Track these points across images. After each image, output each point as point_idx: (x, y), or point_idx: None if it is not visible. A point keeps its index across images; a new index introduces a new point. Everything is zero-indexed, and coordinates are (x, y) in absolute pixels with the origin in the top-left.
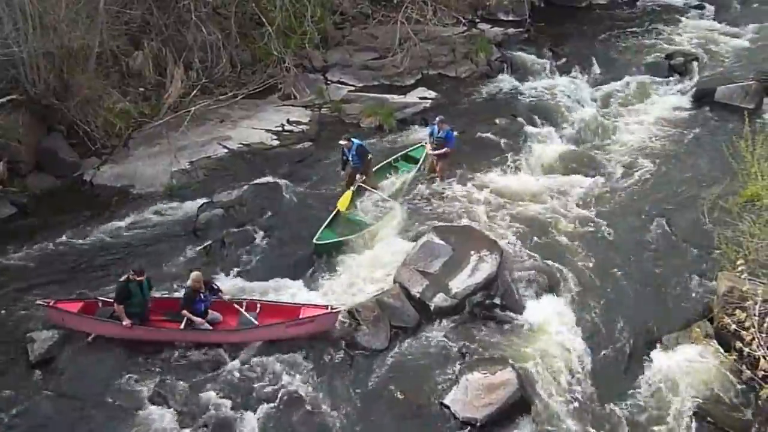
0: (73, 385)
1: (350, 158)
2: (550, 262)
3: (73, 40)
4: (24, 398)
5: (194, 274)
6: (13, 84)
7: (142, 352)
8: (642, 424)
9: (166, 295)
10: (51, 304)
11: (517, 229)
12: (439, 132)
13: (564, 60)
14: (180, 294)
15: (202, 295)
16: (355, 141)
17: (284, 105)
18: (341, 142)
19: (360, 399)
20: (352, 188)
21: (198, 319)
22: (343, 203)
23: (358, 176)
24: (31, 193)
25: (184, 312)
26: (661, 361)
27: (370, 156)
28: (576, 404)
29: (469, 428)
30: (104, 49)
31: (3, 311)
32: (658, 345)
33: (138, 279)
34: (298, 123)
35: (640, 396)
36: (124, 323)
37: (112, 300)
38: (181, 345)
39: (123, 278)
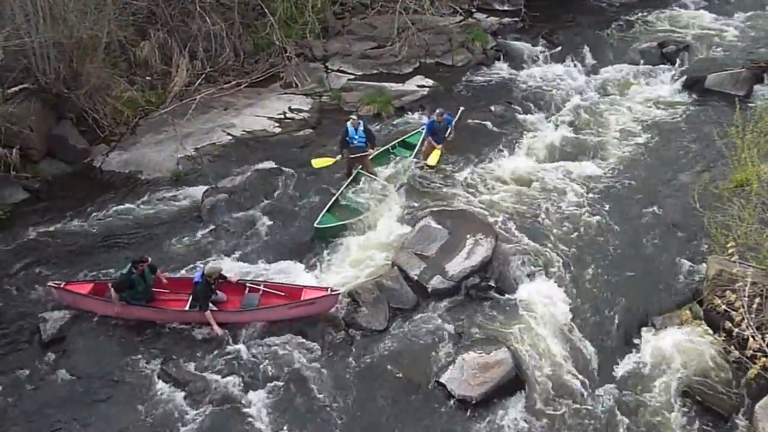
0: (84, 363)
1: (355, 137)
2: (543, 246)
3: (82, 30)
4: (36, 376)
5: (215, 268)
6: (25, 74)
7: (150, 332)
8: (632, 403)
9: (172, 276)
10: (62, 285)
11: (511, 213)
12: (440, 124)
13: (558, 48)
14: (182, 273)
15: (213, 285)
16: (361, 120)
17: (286, 93)
18: (352, 116)
19: (359, 378)
20: (354, 169)
21: (215, 327)
22: (319, 162)
23: (370, 150)
24: (43, 178)
25: (207, 315)
26: (651, 342)
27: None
28: (568, 383)
29: (465, 406)
30: (112, 40)
31: (16, 292)
32: (648, 326)
33: (139, 270)
34: (300, 111)
35: (631, 376)
36: (115, 305)
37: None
38: (187, 324)
39: (126, 270)
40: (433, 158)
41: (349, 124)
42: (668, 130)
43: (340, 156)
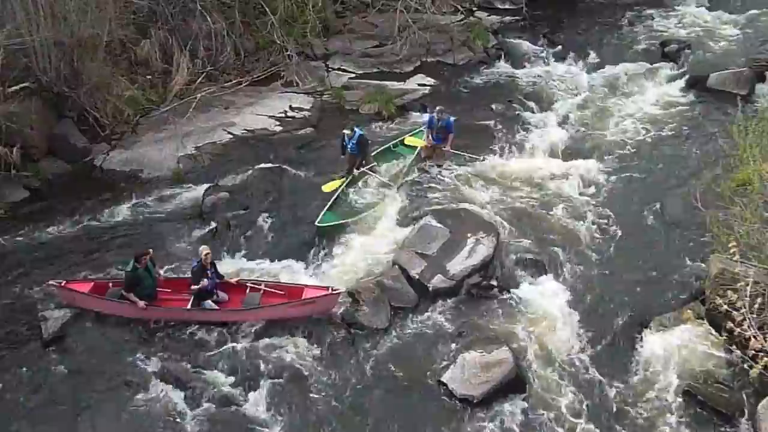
0: (84, 361)
1: (349, 146)
2: (545, 245)
3: (83, 29)
4: (37, 374)
5: (203, 247)
6: (26, 72)
7: (150, 331)
8: (634, 402)
9: (174, 275)
10: (62, 284)
11: (512, 212)
12: (439, 122)
13: (559, 47)
14: (186, 274)
15: (209, 272)
16: (357, 131)
17: (287, 92)
18: (345, 131)
19: (360, 377)
20: (346, 177)
21: (205, 285)
22: (328, 186)
23: (359, 162)
24: (44, 177)
25: (193, 287)
26: (653, 341)
27: (369, 145)
28: (569, 382)
29: (466, 405)
30: (113, 38)
31: (17, 291)
32: (650, 325)
33: (143, 263)
34: (300, 109)
35: (632, 375)
36: (139, 305)
37: (121, 281)
38: (188, 323)
39: (129, 267)
40: (418, 141)
41: (345, 132)
42: (670, 129)
43: (348, 171)
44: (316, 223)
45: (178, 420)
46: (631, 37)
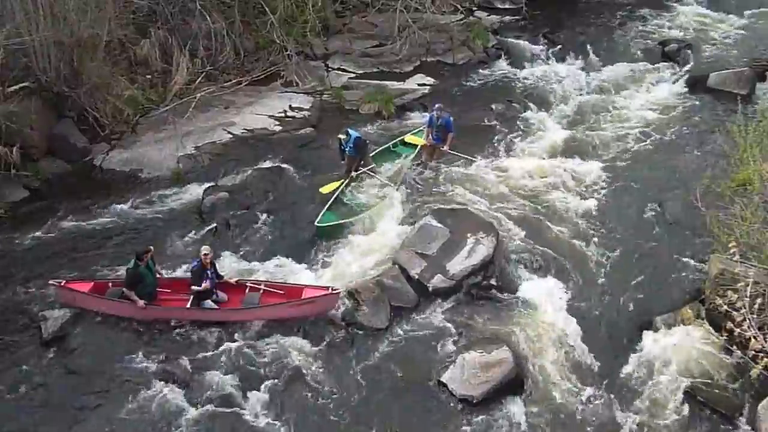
0: (84, 361)
1: (347, 149)
2: (544, 245)
3: (83, 29)
4: (37, 373)
5: (203, 247)
6: (25, 72)
7: (150, 330)
8: (634, 402)
9: (173, 275)
10: (62, 284)
11: (512, 212)
12: (438, 120)
13: (559, 47)
14: (186, 273)
15: (209, 272)
16: (353, 134)
17: (287, 92)
18: (340, 136)
19: (360, 377)
20: (345, 178)
21: (206, 287)
22: (325, 188)
23: (357, 163)
24: (44, 177)
25: (194, 287)
26: (653, 342)
27: (368, 146)
28: (569, 382)
29: (466, 405)
30: (112, 38)
31: (17, 291)
32: (650, 326)
33: (145, 260)
34: (300, 109)
35: (632, 375)
36: (138, 305)
37: (121, 281)
38: (187, 323)
39: (131, 264)
40: (419, 140)
41: (341, 138)
42: (670, 128)
43: (346, 173)
44: (315, 224)
45: (177, 420)
46: (631, 37)
